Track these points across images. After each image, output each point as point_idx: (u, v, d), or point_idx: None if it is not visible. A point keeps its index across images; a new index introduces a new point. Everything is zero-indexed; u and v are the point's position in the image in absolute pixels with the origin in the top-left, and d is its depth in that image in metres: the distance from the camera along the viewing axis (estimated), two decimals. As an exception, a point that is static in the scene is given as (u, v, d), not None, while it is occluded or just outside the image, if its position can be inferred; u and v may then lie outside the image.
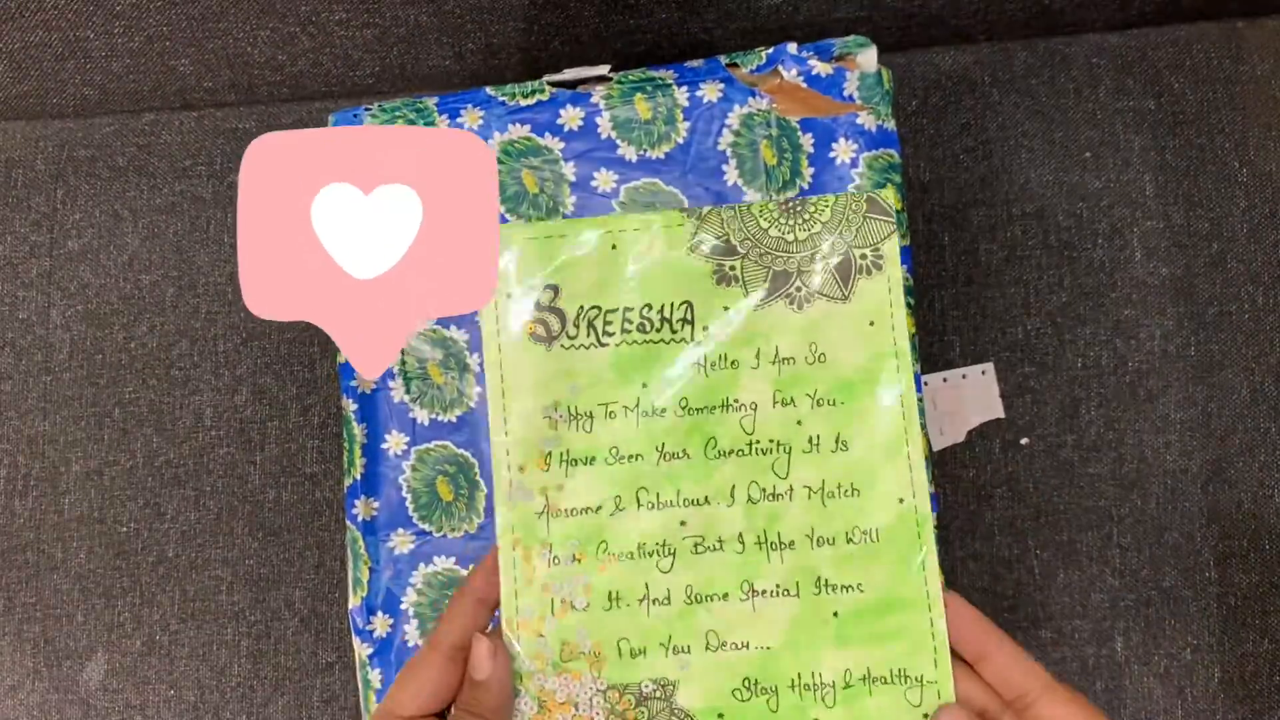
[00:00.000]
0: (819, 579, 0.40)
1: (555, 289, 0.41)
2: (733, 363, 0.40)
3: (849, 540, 0.40)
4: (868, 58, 0.53)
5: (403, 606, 0.54)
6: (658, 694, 0.39)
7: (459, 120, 0.53)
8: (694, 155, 0.52)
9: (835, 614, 0.40)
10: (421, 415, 0.54)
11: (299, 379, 0.66)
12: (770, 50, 0.53)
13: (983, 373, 0.64)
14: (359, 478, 0.55)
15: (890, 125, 0.53)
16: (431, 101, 0.54)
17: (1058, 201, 0.65)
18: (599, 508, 0.40)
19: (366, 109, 0.54)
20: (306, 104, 0.70)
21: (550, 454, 0.40)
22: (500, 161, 0.53)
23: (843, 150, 0.52)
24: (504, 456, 0.40)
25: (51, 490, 0.66)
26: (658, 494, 0.40)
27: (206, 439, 0.66)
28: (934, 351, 0.64)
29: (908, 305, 0.53)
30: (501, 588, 0.40)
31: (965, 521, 0.63)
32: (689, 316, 0.40)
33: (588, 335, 0.40)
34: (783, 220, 0.41)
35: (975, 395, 0.64)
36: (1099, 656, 0.62)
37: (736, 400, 0.40)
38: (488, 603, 0.40)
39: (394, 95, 0.70)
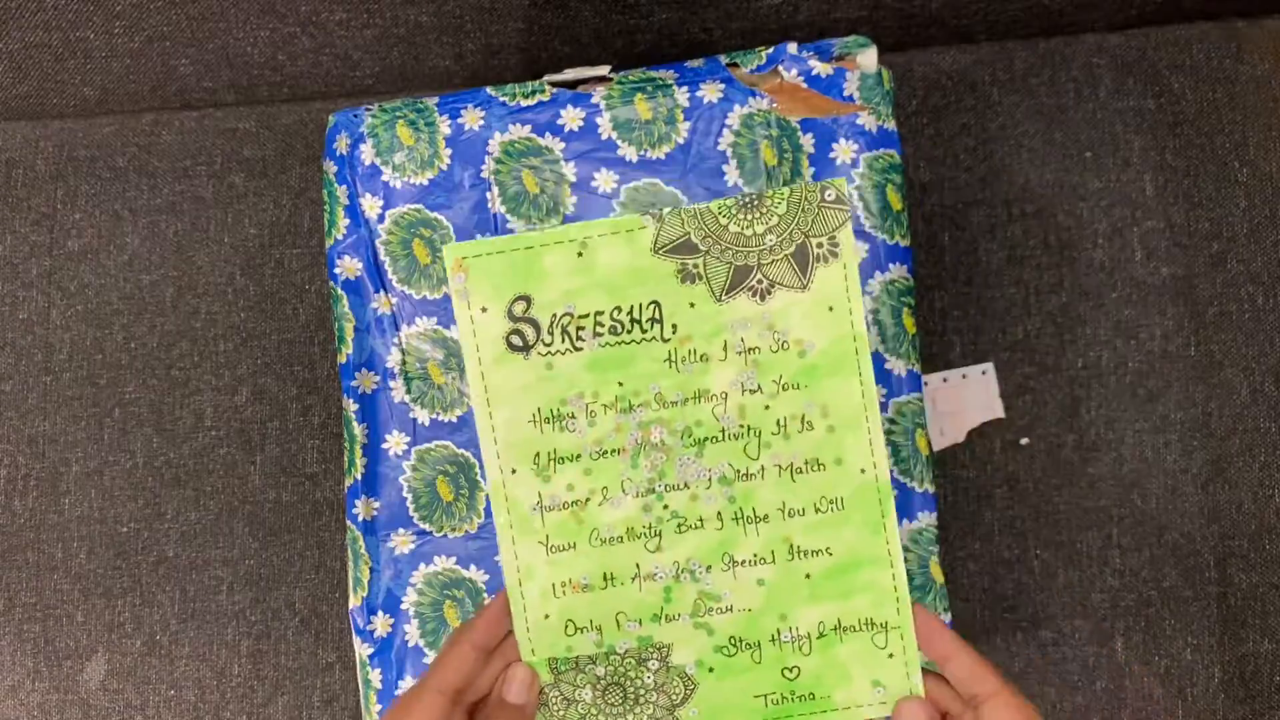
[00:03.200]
0: (792, 546, 0.44)
1: (528, 300, 0.43)
2: (702, 356, 0.43)
3: (818, 510, 0.44)
4: (868, 58, 0.53)
5: (403, 606, 0.54)
6: (654, 655, 0.44)
7: (459, 120, 0.53)
8: (694, 155, 0.52)
9: (808, 575, 0.44)
10: (422, 415, 0.54)
11: (299, 379, 0.66)
12: (770, 50, 0.53)
13: (983, 373, 0.64)
14: (359, 478, 0.55)
15: (891, 125, 0.53)
16: (432, 102, 0.54)
17: (1058, 201, 0.65)
18: (587, 500, 0.44)
19: (367, 109, 0.54)
20: (306, 104, 0.70)
21: (539, 454, 0.44)
22: (501, 162, 0.53)
23: (843, 150, 0.52)
24: (494, 460, 0.44)
25: (51, 490, 0.66)
26: (641, 482, 0.44)
27: (206, 439, 0.66)
28: (934, 352, 0.64)
29: (907, 304, 0.53)
30: (506, 578, 0.44)
31: (965, 521, 0.63)
32: (658, 315, 0.43)
33: (563, 341, 0.43)
34: (741, 216, 0.43)
35: (975, 395, 0.64)
36: (1099, 656, 0.62)
37: (708, 391, 0.43)
38: (487, 649, 0.43)
39: (394, 95, 0.70)
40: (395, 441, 0.54)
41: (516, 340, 0.43)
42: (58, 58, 0.66)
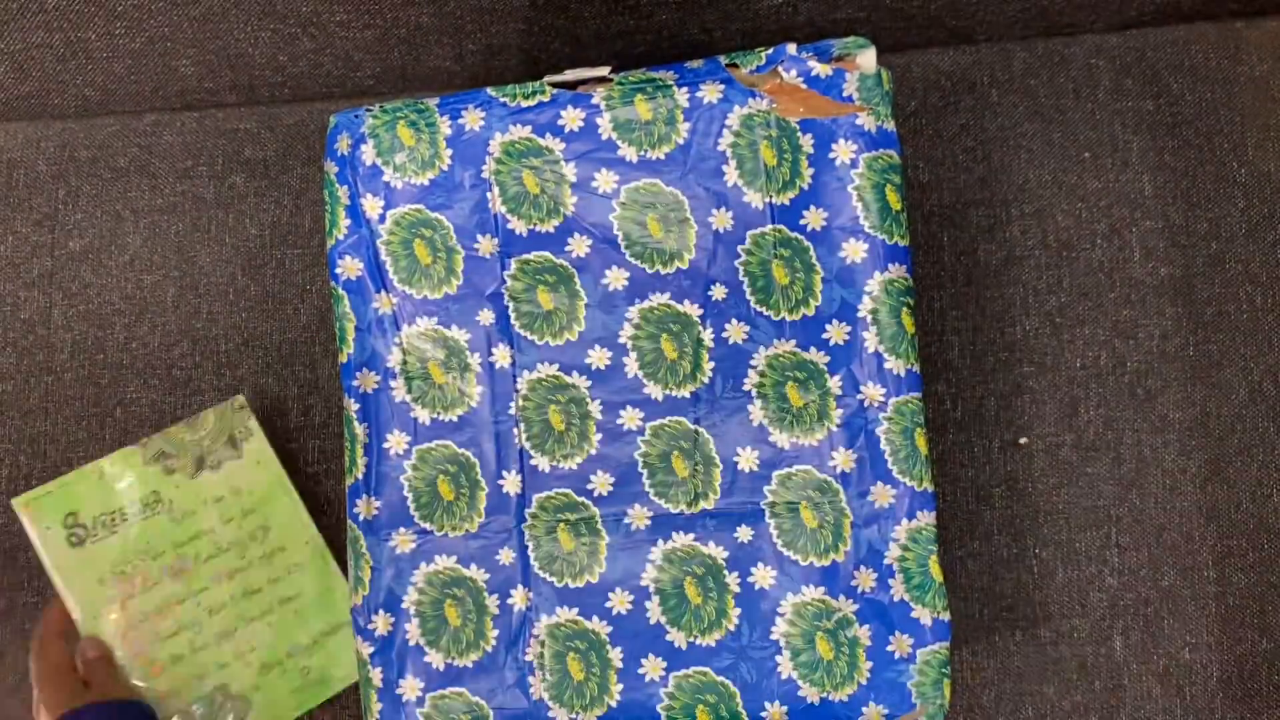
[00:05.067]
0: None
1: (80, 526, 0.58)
2: (189, 514, 0.61)
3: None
4: (867, 58, 0.53)
5: (404, 605, 0.54)
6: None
7: (460, 121, 0.53)
8: (694, 156, 0.53)
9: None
10: (423, 415, 0.54)
11: (299, 379, 0.66)
12: (770, 51, 0.54)
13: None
14: (360, 477, 0.55)
15: (890, 126, 0.53)
16: (432, 102, 0.54)
17: (1057, 201, 0.65)
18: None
19: (368, 110, 0.55)
20: (307, 105, 0.70)
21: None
22: (501, 162, 0.53)
23: (843, 151, 0.53)
24: None
25: (53, 490, 0.66)
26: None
27: (208, 439, 0.66)
28: (934, 352, 0.65)
29: (906, 303, 0.53)
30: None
31: (965, 521, 0.64)
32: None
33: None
34: (171, 463, 0.60)
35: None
36: (1098, 656, 0.62)
37: (198, 532, 0.60)
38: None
39: (395, 96, 0.70)
40: (396, 441, 0.54)
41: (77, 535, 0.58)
42: (59, 58, 0.66)
